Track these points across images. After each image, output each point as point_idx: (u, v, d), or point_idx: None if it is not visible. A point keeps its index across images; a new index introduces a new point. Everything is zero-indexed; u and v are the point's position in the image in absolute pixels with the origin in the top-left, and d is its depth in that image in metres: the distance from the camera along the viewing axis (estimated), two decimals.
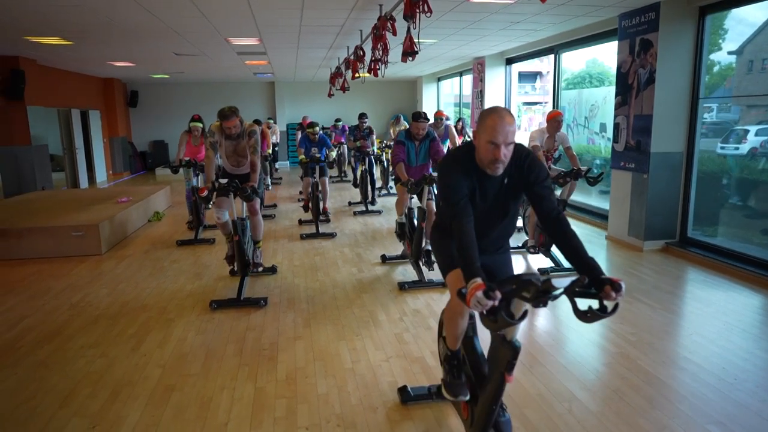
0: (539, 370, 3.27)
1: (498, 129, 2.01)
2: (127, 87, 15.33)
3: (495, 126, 2.02)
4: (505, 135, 2.02)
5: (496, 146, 2.03)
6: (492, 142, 2.03)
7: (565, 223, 2.08)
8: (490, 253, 2.41)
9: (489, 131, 2.03)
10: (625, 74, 6.12)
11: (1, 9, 5.69)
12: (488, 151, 2.05)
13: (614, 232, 6.51)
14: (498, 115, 2.04)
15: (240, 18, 6.29)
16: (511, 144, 2.05)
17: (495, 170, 2.08)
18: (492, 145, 2.03)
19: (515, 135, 2.07)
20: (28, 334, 3.95)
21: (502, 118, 2.03)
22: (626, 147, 6.18)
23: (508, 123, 2.03)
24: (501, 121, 2.02)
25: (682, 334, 3.79)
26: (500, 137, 2.01)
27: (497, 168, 2.07)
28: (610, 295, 1.79)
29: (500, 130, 2.01)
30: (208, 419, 2.80)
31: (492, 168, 2.08)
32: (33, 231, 6.05)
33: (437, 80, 15.23)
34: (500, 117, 2.03)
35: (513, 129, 2.04)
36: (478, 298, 1.70)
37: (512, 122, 2.04)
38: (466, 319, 2.41)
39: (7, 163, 9.42)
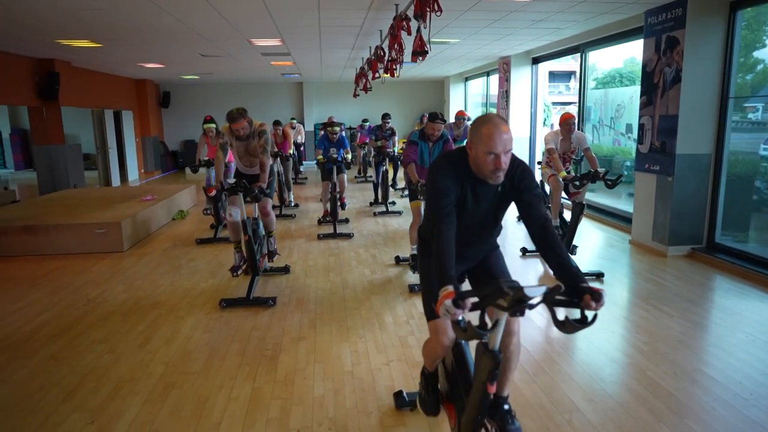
0: (542, 379, 3.17)
1: (495, 139, 1.96)
2: (159, 88, 15.73)
3: (492, 136, 1.97)
4: (504, 144, 1.97)
5: (497, 156, 1.98)
6: (491, 153, 1.98)
7: (551, 231, 2.02)
8: (475, 259, 2.37)
9: (486, 141, 1.97)
10: (651, 73, 5.91)
11: (33, 13, 5.90)
12: (488, 161, 2.00)
13: (638, 237, 6.29)
14: (493, 125, 1.98)
15: (259, 19, 6.36)
16: (509, 151, 2.01)
17: (497, 179, 2.04)
18: (492, 156, 1.98)
19: (512, 142, 2.02)
20: (44, 328, 4.08)
21: (497, 127, 1.97)
22: (651, 148, 5.96)
23: (504, 131, 1.98)
24: (497, 130, 1.97)
25: (699, 345, 3.62)
26: (499, 147, 1.96)
27: (499, 176, 2.03)
28: (590, 304, 1.71)
29: (498, 139, 1.96)
30: (203, 418, 2.82)
31: (494, 177, 2.03)
32: (59, 228, 6.25)
33: (464, 80, 15.08)
34: (496, 126, 1.98)
35: (509, 137, 2.00)
36: (446, 307, 1.65)
37: (508, 130, 2.00)
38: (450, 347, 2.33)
39: (42, 162, 9.79)
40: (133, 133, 13.94)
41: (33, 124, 9.67)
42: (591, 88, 8.99)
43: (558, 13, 6.26)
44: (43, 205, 7.69)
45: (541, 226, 2.03)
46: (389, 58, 5.92)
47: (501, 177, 2.04)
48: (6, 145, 15.13)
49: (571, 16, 6.44)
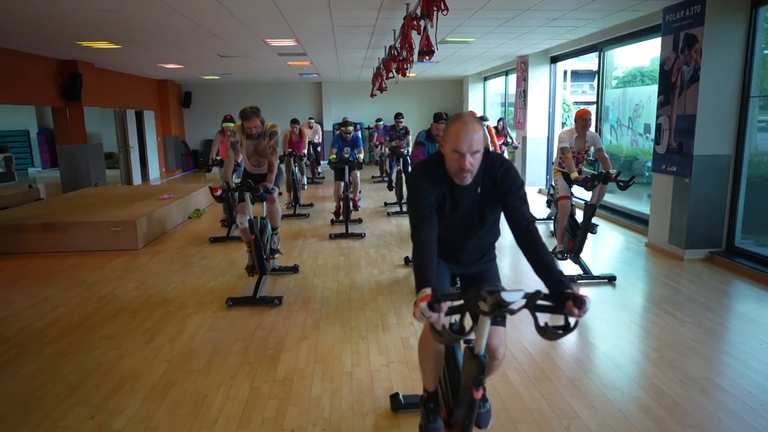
0: (544, 384, 3.11)
1: (461, 137, 1.92)
2: (181, 88, 15.97)
3: (458, 134, 1.93)
4: (470, 143, 1.92)
5: (461, 155, 1.94)
6: (456, 151, 1.94)
7: (536, 235, 1.97)
8: (471, 263, 2.33)
9: (453, 139, 1.94)
10: (668, 72, 5.76)
11: (54, 16, 6.03)
12: (453, 160, 1.97)
13: (654, 240, 6.14)
14: (462, 123, 1.95)
15: (271, 19, 6.39)
16: (477, 152, 1.96)
17: (462, 180, 2.00)
18: (456, 154, 1.95)
19: (482, 143, 1.97)
20: (55, 324, 4.16)
21: (465, 125, 1.94)
22: (668, 149, 5.81)
23: (473, 130, 1.93)
24: (464, 128, 1.93)
25: (710, 352, 3.51)
26: (464, 146, 1.92)
27: (464, 177, 1.99)
28: (573, 311, 1.67)
29: (464, 138, 1.92)
30: (200, 416, 2.84)
31: (459, 177, 1.99)
32: (76, 225, 6.39)
33: (483, 80, 14.95)
34: (464, 124, 1.94)
35: (478, 137, 1.95)
36: (422, 310, 1.63)
37: (477, 129, 1.95)
38: (441, 354, 2.29)
39: (65, 161, 10.02)
40: (155, 133, 14.18)
41: (56, 124, 9.91)
42: (612, 86, 8.83)
43: (573, 11, 6.15)
44: (64, 203, 7.88)
45: (525, 229, 1.99)
46: (401, 58, 5.90)
47: (467, 178, 1.99)
48: (34, 145, 15.57)
49: (587, 14, 6.32)
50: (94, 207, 7.35)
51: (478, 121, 1.99)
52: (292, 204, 8.67)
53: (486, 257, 2.35)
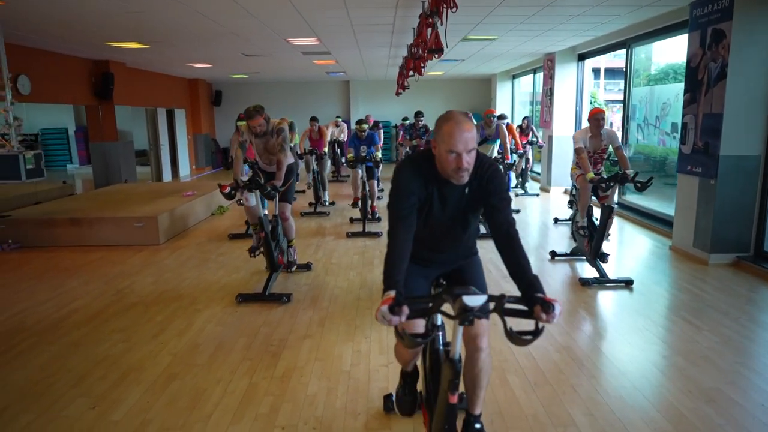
0: (543, 390, 3.04)
1: (456, 137, 1.89)
2: (212, 87, 16.30)
3: (452, 134, 1.90)
4: (465, 142, 1.89)
5: (458, 155, 1.90)
6: (452, 151, 1.91)
7: (515, 238, 1.93)
8: (452, 261, 2.30)
9: (447, 140, 1.91)
10: (695, 69, 5.54)
11: (84, 16, 6.22)
12: (450, 160, 1.93)
13: (679, 243, 5.93)
14: (455, 122, 1.91)
15: (290, 18, 6.45)
16: (472, 150, 1.93)
17: (460, 179, 1.96)
18: (453, 154, 1.91)
19: (475, 141, 1.94)
20: (72, 315, 4.31)
21: (459, 125, 1.90)
22: (693, 149, 5.60)
23: (466, 129, 1.90)
24: (458, 127, 1.90)
25: (724, 362, 3.35)
26: (460, 145, 1.89)
27: (462, 176, 1.95)
28: (540, 315, 1.62)
29: (459, 137, 1.89)
30: (196, 409, 2.89)
31: (457, 177, 1.96)
32: (102, 220, 6.60)
33: (512, 78, 14.72)
34: (457, 124, 1.90)
35: (472, 135, 1.91)
36: (382, 312, 1.61)
37: (471, 128, 1.92)
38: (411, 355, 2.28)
39: (97, 158, 10.37)
40: (185, 131, 14.52)
41: (89, 122, 10.26)
42: (643, 84, 8.57)
43: (595, 7, 5.99)
44: (93, 198, 8.15)
45: (506, 232, 1.94)
46: (417, 56, 5.87)
47: (465, 177, 1.96)
48: (72, 142, 16.17)
49: (611, 9, 6.15)
50: (120, 203, 7.57)
51: (470, 119, 1.96)
52: (314, 202, 8.73)
53: (467, 252, 2.32)
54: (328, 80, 16.18)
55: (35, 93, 8.22)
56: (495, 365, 3.32)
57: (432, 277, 2.34)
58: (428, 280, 2.33)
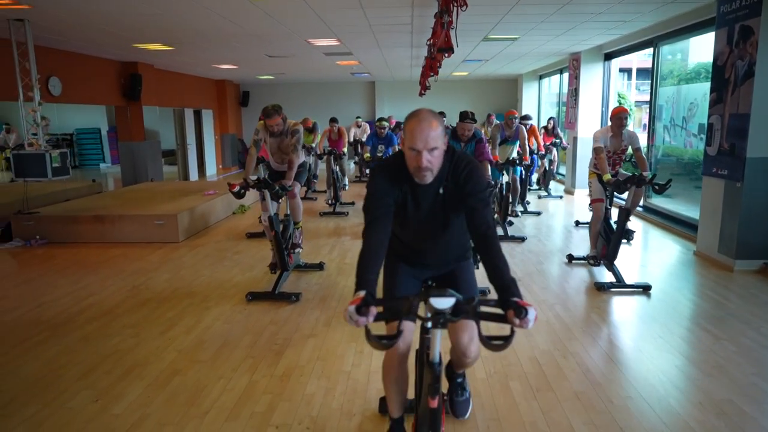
0: (545, 396, 2.96)
1: (416, 134, 1.85)
2: (239, 88, 16.56)
3: (413, 131, 1.86)
4: (425, 140, 1.85)
5: (418, 153, 1.86)
6: (412, 149, 1.87)
7: (492, 241, 1.87)
8: (442, 265, 2.25)
9: (409, 137, 1.88)
10: (722, 67, 5.33)
11: (109, 19, 6.40)
12: (411, 157, 1.90)
13: (703, 248, 5.71)
14: (417, 119, 1.87)
15: (307, 19, 6.49)
16: (435, 149, 1.88)
17: (422, 178, 1.92)
18: (413, 152, 1.88)
19: (440, 140, 1.89)
20: (88, 310, 4.42)
21: (420, 122, 1.86)
22: (719, 151, 5.38)
23: (429, 127, 1.85)
24: (419, 125, 1.86)
25: (740, 374, 3.20)
26: (419, 143, 1.85)
27: (424, 176, 1.91)
28: (513, 320, 1.57)
29: (419, 135, 1.85)
30: (194, 406, 2.91)
31: (419, 176, 1.92)
32: (124, 218, 6.76)
33: (539, 78, 14.49)
34: (419, 121, 1.86)
35: (436, 133, 1.86)
36: (349, 313, 1.58)
37: (435, 126, 1.87)
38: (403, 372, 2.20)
39: (125, 157, 10.65)
40: (213, 131, 14.78)
41: (118, 122, 10.54)
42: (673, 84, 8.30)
43: (617, 5, 5.83)
44: (119, 196, 8.36)
45: (483, 234, 1.89)
46: (431, 57, 5.83)
47: (427, 176, 1.92)
48: (104, 141, 16.66)
49: (633, 7, 5.98)
50: (143, 201, 7.75)
51: (436, 117, 1.91)
52: (332, 201, 8.76)
53: (457, 255, 2.26)
54: (354, 81, 16.25)
55: (66, 94, 8.49)
56: (498, 370, 3.26)
57: (423, 278, 2.30)
58: (419, 281, 2.29)
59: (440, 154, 1.91)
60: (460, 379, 2.44)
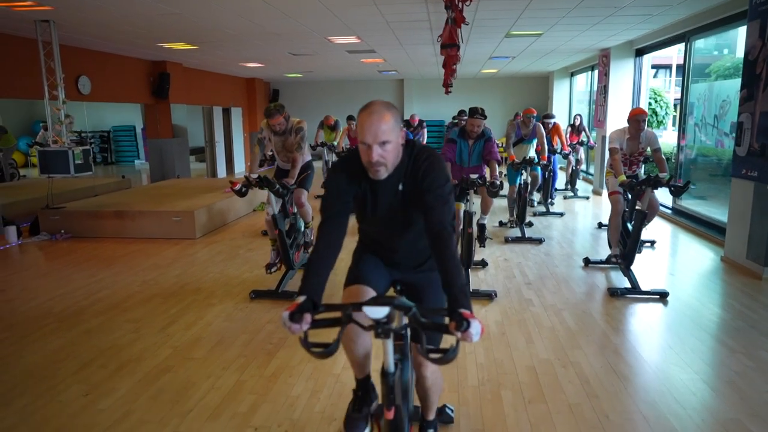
0: (537, 408, 2.83)
1: (366, 127, 1.77)
2: (269, 86, 16.75)
3: (363, 124, 1.78)
4: (375, 134, 1.76)
5: (368, 147, 1.78)
6: (363, 143, 1.79)
7: (446, 242, 1.76)
8: (410, 269, 2.16)
9: (359, 130, 1.80)
10: (753, 62, 5.02)
11: (131, 19, 6.53)
12: (362, 152, 1.82)
13: (731, 254, 5.40)
14: (368, 112, 1.78)
15: (323, 17, 6.46)
16: (386, 143, 1.78)
17: (375, 174, 1.84)
18: (364, 146, 1.79)
19: (393, 133, 1.79)
20: (96, 304, 4.51)
21: (370, 115, 1.77)
22: (749, 151, 5.08)
23: (380, 120, 1.76)
24: (369, 117, 1.77)
25: (751, 390, 2.99)
26: (369, 136, 1.77)
27: (377, 171, 1.83)
28: (455, 333, 1.47)
29: (368, 128, 1.76)
30: (178, 404, 2.91)
31: (372, 171, 1.84)
32: (143, 214, 6.91)
33: (570, 75, 14.11)
34: (369, 114, 1.78)
35: (387, 127, 1.77)
36: (282, 320, 1.52)
37: (387, 119, 1.77)
38: (363, 342, 2.14)
39: (154, 154, 10.90)
40: (242, 129, 14.99)
41: (147, 120, 10.80)
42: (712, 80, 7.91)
43: None
44: (144, 192, 8.56)
45: (436, 234, 1.78)
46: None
47: (380, 172, 1.83)
48: (139, 139, 17.13)
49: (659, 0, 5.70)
50: (166, 197, 7.90)
51: (389, 109, 1.81)
52: None
53: (427, 264, 2.15)
54: (382, 79, 16.20)
55: (95, 93, 8.74)
56: (491, 377, 3.14)
57: (392, 277, 2.21)
58: (387, 279, 2.20)
59: (394, 148, 1.82)
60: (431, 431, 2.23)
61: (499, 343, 3.64)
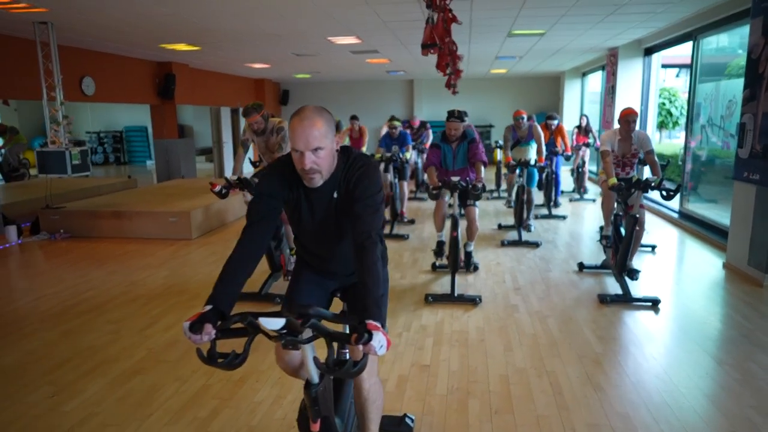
0: (503, 419, 2.73)
1: (297, 133, 1.71)
2: (279, 87, 16.79)
3: (295, 130, 1.72)
4: (306, 140, 1.70)
5: (300, 153, 1.72)
6: (295, 149, 1.73)
7: (368, 254, 1.70)
8: (346, 277, 2.10)
9: (291, 137, 1.74)
10: (756, 61, 4.83)
11: (129, 22, 6.57)
12: (295, 159, 1.77)
13: (733, 259, 5.21)
14: (299, 118, 1.73)
15: (319, 18, 6.42)
16: (320, 149, 1.73)
17: (310, 181, 1.79)
18: (296, 153, 1.74)
19: (325, 140, 1.74)
20: (81, 304, 4.53)
21: (302, 121, 1.71)
22: (751, 153, 4.89)
23: (312, 126, 1.71)
24: (300, 123, 1.71)
25: (735, 405, 2.85)
26: (301, 143, 1.71)
27: (312, 179, 1.78)
28: (354, 344, 1.42)
29: (300, 134, 1.71)
30: (142, 407, 2.89)
31: (306, 179, 1.79)
32: (140, 214, 6.95)
33: (581, 75, 13.86)
34: (300, 119, 1.72)
35: (320, 132, 1.71)
36: (183, 330, 1.47)
37: (319, 125, 1.72)
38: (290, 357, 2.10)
39: (159, 154, 11.00)
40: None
41: (153, 120, 10.89)
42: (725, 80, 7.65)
43: None
44: (147, 192, 8.62)
45: (360, 243, 1.72)
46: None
47: (315, 179, 1.78)
48: (150, 139, 17.32)
49: None
50: (166, 197, 7.94)
51: (321, 115, 1.75)
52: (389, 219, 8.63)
53: None
54: (391, 79, 16.12)
55: (99, 93, 8.84)
56: (461, 386, 3.06)
57: (330, 288, 2.16)
58: (326, 292, 2.15)
59: (327, 155, 1.76)
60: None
61: (477, 350, 3.54)
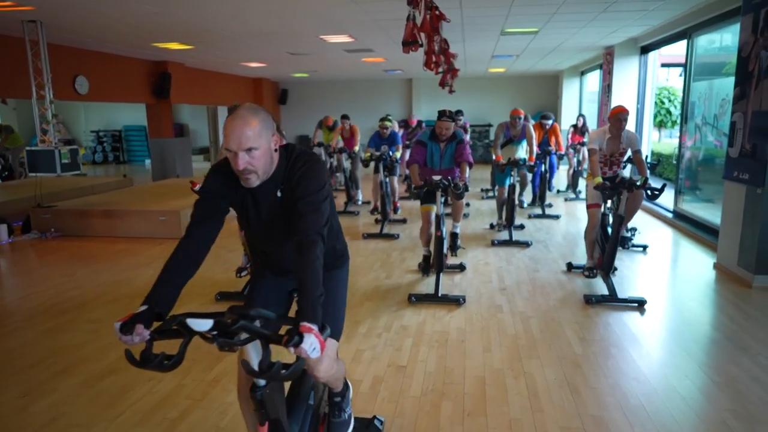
0: (474, 422, 2.69)
1: (229, 133, 1.68)
2: (278, 86, 16.78)
3: (227, 130, 1.70)
4: (239, 140, 1.67)
5: (234, 154, 1.69)
6: (228, 149, 1.70)
7: (308, 253, 1.66)
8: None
9: (224, 137, 1.71)
10: (746, 59, 4.77)
11: (118, 20, 6.55)
12: (230, 160, 1.73)
13: (724, 260, 5.15)
14: (232, 117, 1.70)
15: (310, 16, 6.39)
16: (253, 149, 1.69)
17: (246, 182, 1.76)
18: (230, 153, 1.70)
19: (261, 139, 1.70)
20: (64, 303, 4.51)
21: (234, 120, 1.69)
22: (741, 152, 4.83)
23: (244, 125, 1.67)
24: (233, 123, 1.68)
25: (711, 409, 2.79)
26: (233, 143, 1.68)
27: (248, 179, 1.74)
28: (285, 346, 1.39)
29: (232, 134, 1.68)
30: (112, 408, 2.86)
31: (243, 180, 1.75)
32: (131, 213, 6.94)
33: (580, 74, 13.78)
34: (233, 119, 1.69)
35: (253, 132, 1.68)
36: (115, 330, 1.45)
37: (253, 124, 1.68)
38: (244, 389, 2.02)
39: (155, 153, 10.99)
40: None
41: (149, 119, 10.89)
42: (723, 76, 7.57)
43: None
44: (139, 191, 8.61)
45: (299, 243, 1.68)
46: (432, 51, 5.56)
47: (251, 179, 1.74)
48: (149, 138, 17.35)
49: None
50: (158, 196, 7.93)
51: (256, 114, 1.72)
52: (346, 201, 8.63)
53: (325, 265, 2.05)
54: (389, 78, 16.08)
55: (93, 92, 8.83)
56: (436, 387, 3.02)
57: (289, 288, 2.14)
58: (285, 291, 2.13)
59: (263, 155, 1.73)
60: (337, 399, 2.28)
61: (455, 350, 3.50)
